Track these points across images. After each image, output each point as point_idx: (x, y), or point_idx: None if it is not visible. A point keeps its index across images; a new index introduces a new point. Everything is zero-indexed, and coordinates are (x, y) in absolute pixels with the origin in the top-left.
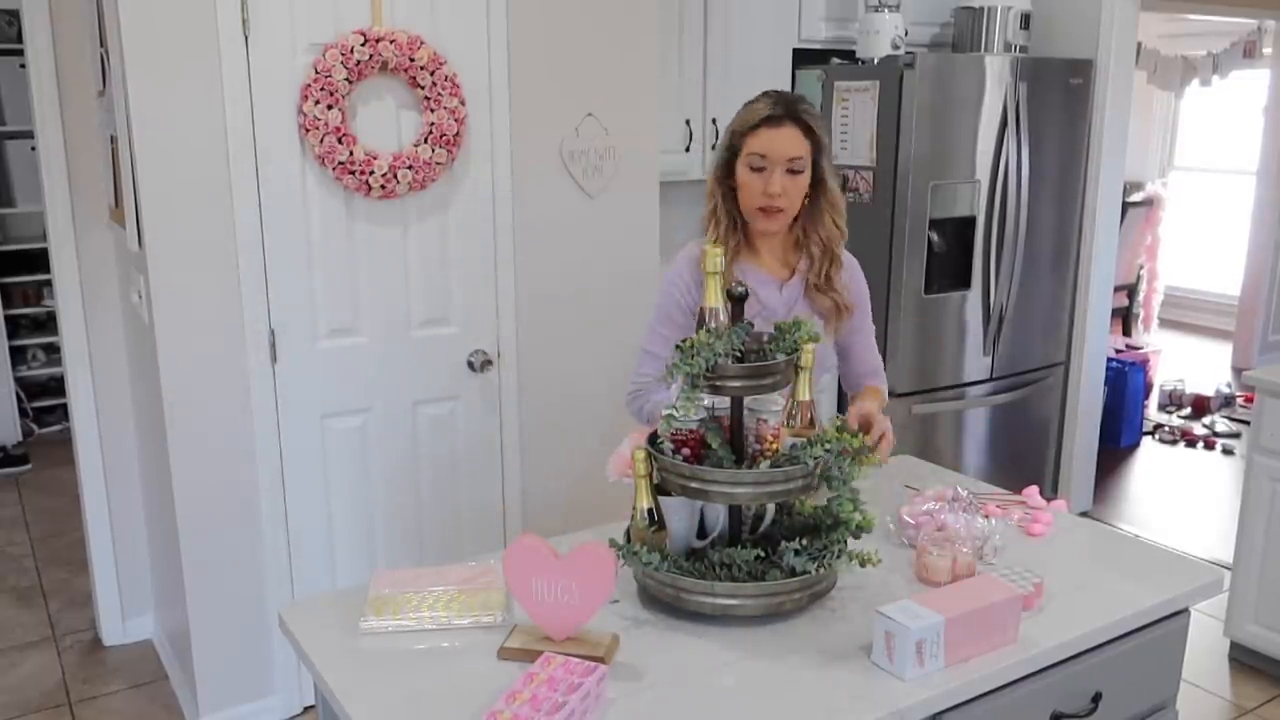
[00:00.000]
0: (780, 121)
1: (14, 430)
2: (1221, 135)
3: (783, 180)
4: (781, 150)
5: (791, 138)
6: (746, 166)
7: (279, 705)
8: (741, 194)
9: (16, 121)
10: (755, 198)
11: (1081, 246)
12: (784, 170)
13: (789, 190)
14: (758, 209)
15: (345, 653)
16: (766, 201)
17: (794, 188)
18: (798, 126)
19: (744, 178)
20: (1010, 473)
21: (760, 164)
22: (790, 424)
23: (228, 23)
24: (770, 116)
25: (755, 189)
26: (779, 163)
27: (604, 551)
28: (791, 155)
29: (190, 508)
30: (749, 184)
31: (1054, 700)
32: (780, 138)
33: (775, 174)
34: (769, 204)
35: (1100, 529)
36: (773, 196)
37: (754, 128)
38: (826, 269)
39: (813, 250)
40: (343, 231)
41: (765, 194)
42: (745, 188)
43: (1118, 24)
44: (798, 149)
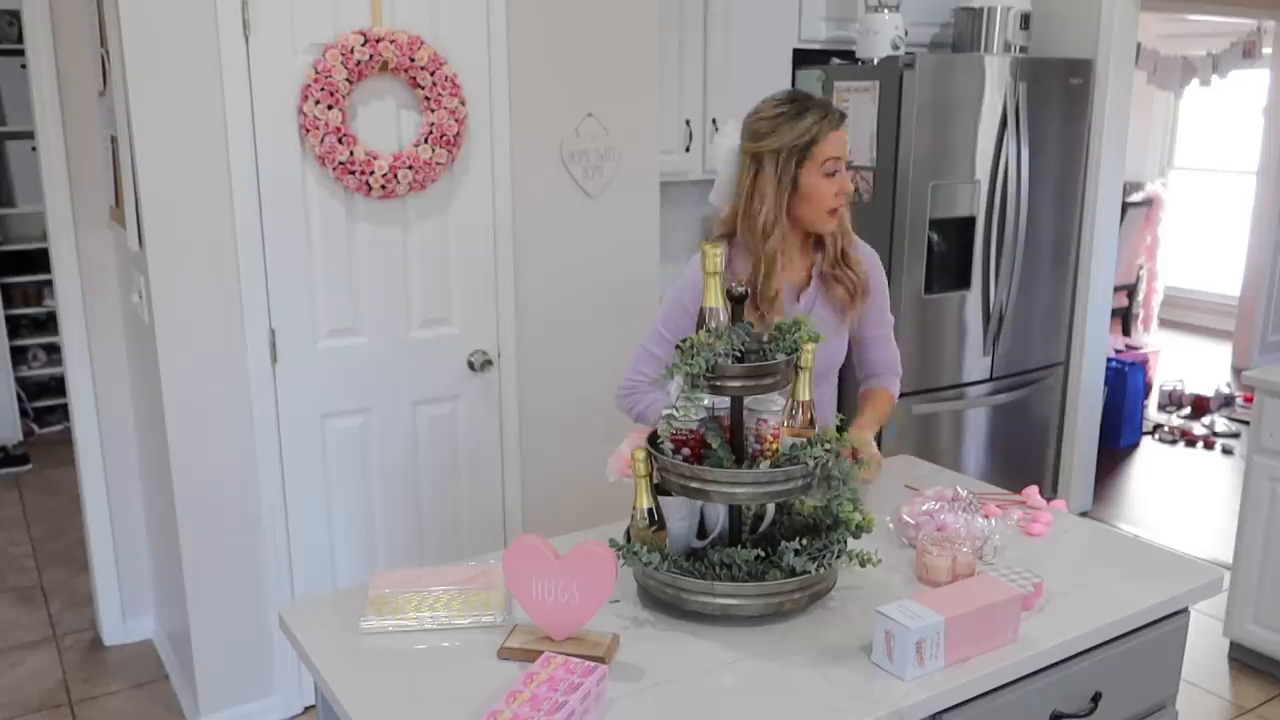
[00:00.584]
0: (840, 122)
1: (14, 430)
2: (1221, 135)
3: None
4: (846, 150)
5: (846, 137)
6: (821, 174)
7: (279, 705)
8: (812, 203)
9: (16, 121)
10: (830, 200)
11: (1081, 246)
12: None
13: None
14: (828, 211)
15: (345, 653)
16: (839, 202)
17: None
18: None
19: (819, 184)
20: (1010, 473)
21: (836, 167)
22: (790, 424)
23: (228, 23)
24: (834, 119)
25: (828, 193)
26: (845, 162)
27: (604, 551)
28: (847, 155)
29: (190, 508)
30: (823, 189)
31: (1054, 700)
32: (844, 138)
33: (845, 172)
34: (839, 204)
35: (1100, 529)
36: (849, 193)
37: (825, 133)
38: (844, 245)
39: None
40: (343, 231)
41: (841, 193)
42: (819, 194)
43: (1118, 24)
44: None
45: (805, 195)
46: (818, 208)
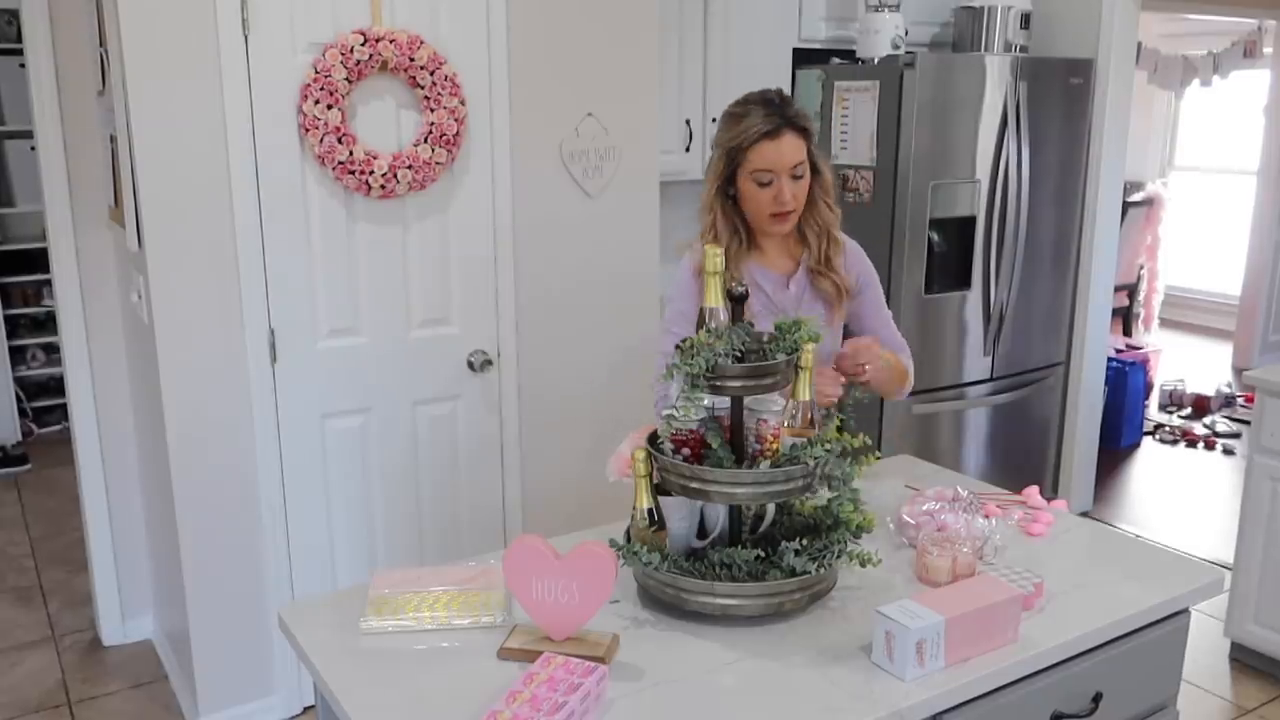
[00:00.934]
0: (779, 133)
1: (14, 430)
2: (1221, 135)
3: (790, 187)
4: (786, 161)
5: (792, 146)
6: (753, 182)
7: (279, 705)
8: (749, 205)
9: (16, 121)
10: (766, 207)
11: (1081, 246)
12: (790, 177)
13: (797, 194)
14: (770, 215)
15: (345, 653)
16: (778, 209)
17: (800, 190)
18: (794, 131)
19: (750, 191)
20: (1010, 473)
21: (767, 178)
22: (790, 424)
23: (228, 23)
24: (769, 130)
25: (764, 201)
26: (784, 172)
27: (604, 551)
28: (795, 162)
29: (190, 508)
30: (757, 197)
31: (1054, 700)
32: (783, 149)
33: (783, 184)
34: (780, 209)
35: (1100, 529)
36: (784, 204)
37: (754, 143)
38: (825, 251)
39: (809, 236)
40: (343, 231)
41: (776, 202)
42: (753, 200)
43: (1118, 24)
44: (798, 154)
45: (741, 197)
46: (755, 210)
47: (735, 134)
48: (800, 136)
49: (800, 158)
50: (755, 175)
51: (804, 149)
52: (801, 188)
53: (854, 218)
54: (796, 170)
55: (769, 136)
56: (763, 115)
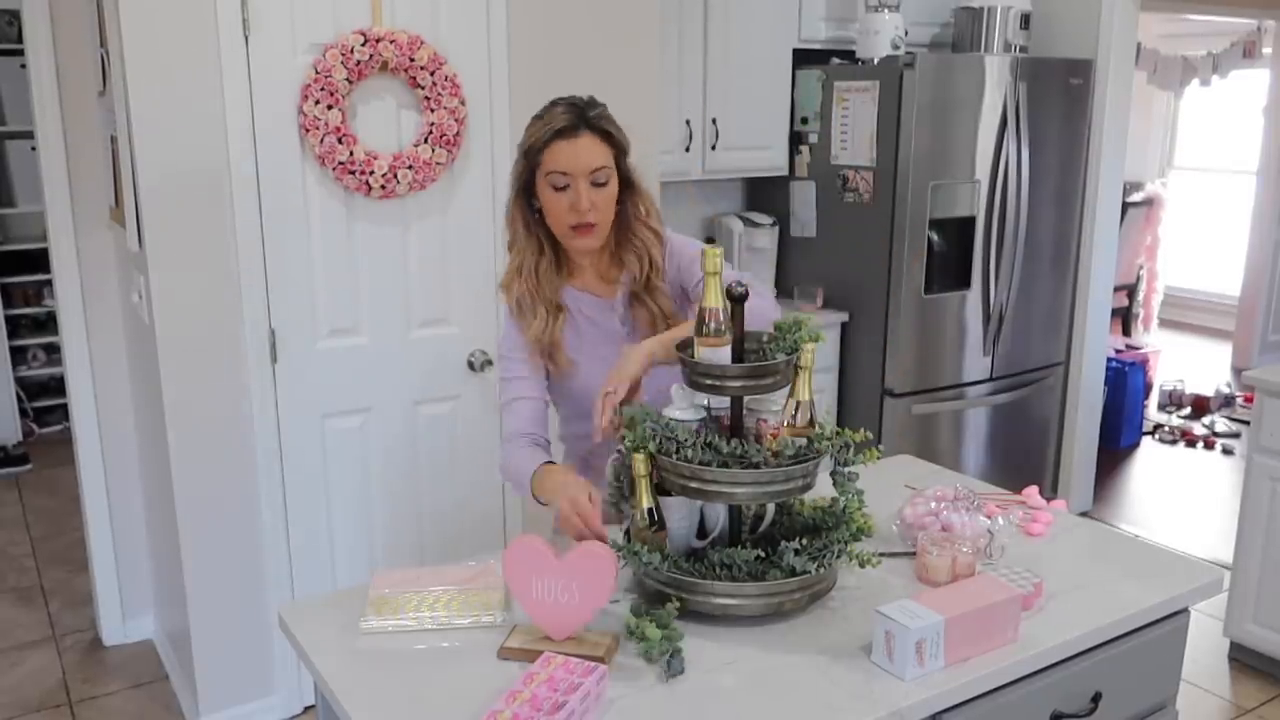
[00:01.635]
0: (575, 132)
1: (14, 430)
2: (1221, 135)
3: (590, 194)
4: (583, 163)
5: (591, 148)
6: (549, 186)
7: (279, 705)
8: (549, 217)
9: (16, 121)
10: (565, 217)
11: (1081, 246)
12: (589, 184)
13: (598, 204)
14: (570, 228)
15: (345, 653)
16: (577, 219)
17: (603, 200)
18: (594, 134)
19: (548, 198)
20: (1010, 473)
21: (563, 181)
22: (790, 424)
23: (228, 23)
24: (563, 129)
25: (562, 208)
26: (582, 176)
27: (604, 552)
28: (594, 167)
29: (190, 508)
30: (555, 204)
31: (1054, 700)
32: (579, 149)
33: (581, 189)
34: (580, 221)
35: (1100, 529)
36: (582, 213)
37: (548, 142)
38: (648, 276)
39: (629, 260)
40: (343, 231)
41: (574, 211)
42: (552, 209)
43: (1118, 24)
44: (599, 158)
45: (543, 206)
46: (556, 222)
47: (530, 134)
48: (603, 141)
49: (601, 163)
50: (550, 178)
51: (608, 155)
52: (604, 197)
53: (854, 218)
54: (597, 176)
55: (563, 135)
56: (559, 114)
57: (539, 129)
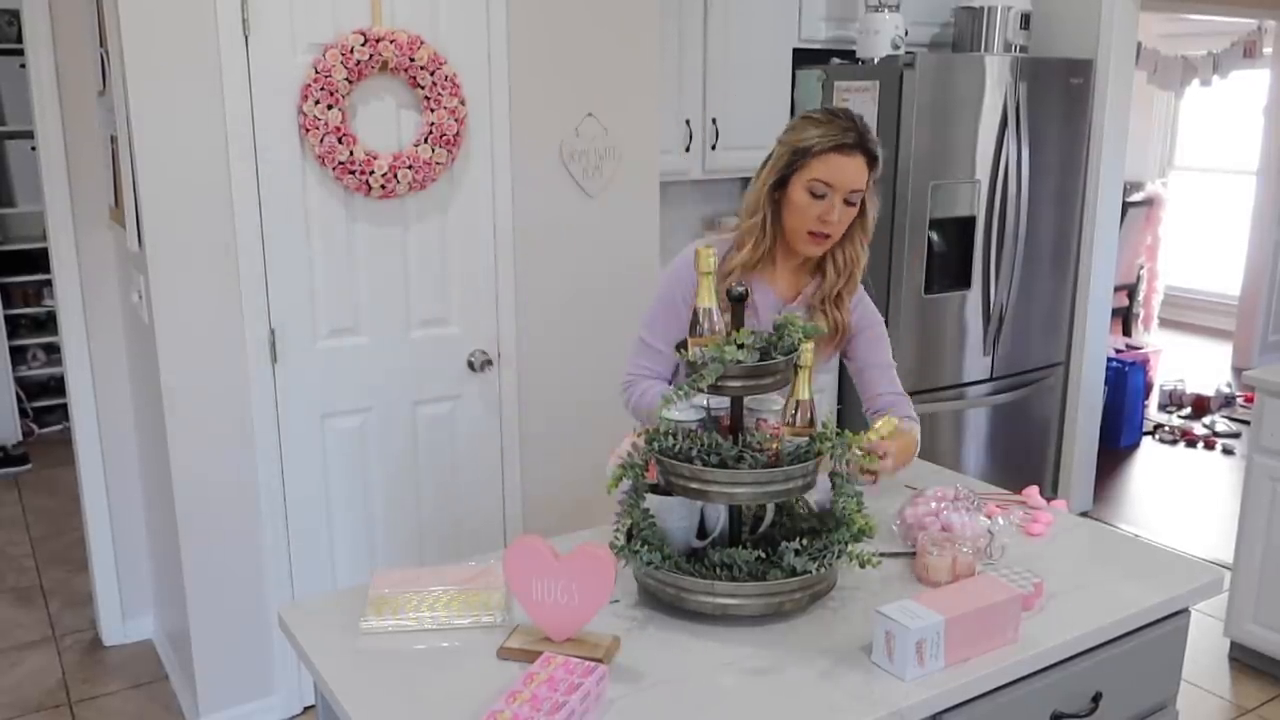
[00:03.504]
0: (853, 151)
1: (14, 430)
2: (1221, 135)
3: (841, 211)
4: (849, 181)
5: (859, 169)
6: (805, 189)
7: (279, 705)
8: (792, 214)
9: (16, 121)
10: (809, 222)
11: (1081, 246)
12: (843, 200)
13: (843, 221)
14: (809, 233)
15: (345, 653)
16: (820, 227)
17: (847, 217)
18: (866, 157)
19: (800, 199)
20: (1010, 473)
21: (823, 190)
22: (790, 423)
23: (228, 23)
24: (844, 145)
25: (811, 214)
26: (841, 192)
27: (604, 553)
28: (855, 187)
29: (190, 508)
30: (805, 207)
31: (1054, 700)
32: (850, 168)
33: (835, 203)
34: (821, 229)
35: (1100, 529)
36: (828, 225)
37: (825, 151)
38: (840, 288)
39: (830, 270)
40: (343, 231)
41: (822, 221)
42: (799, 209)
43: (1118, 24)
44: (862, 181)
45: (788, 201)
46: (796, 222)
47: (806, 136)
48: (869, 165)
49: (862, 185)
50: (812, 184)
51: (867, 178)
52: (849, 215)
53: None
54: (853, 196)
55: (842, 150)
56: (843, 128)
57: (820, 135)
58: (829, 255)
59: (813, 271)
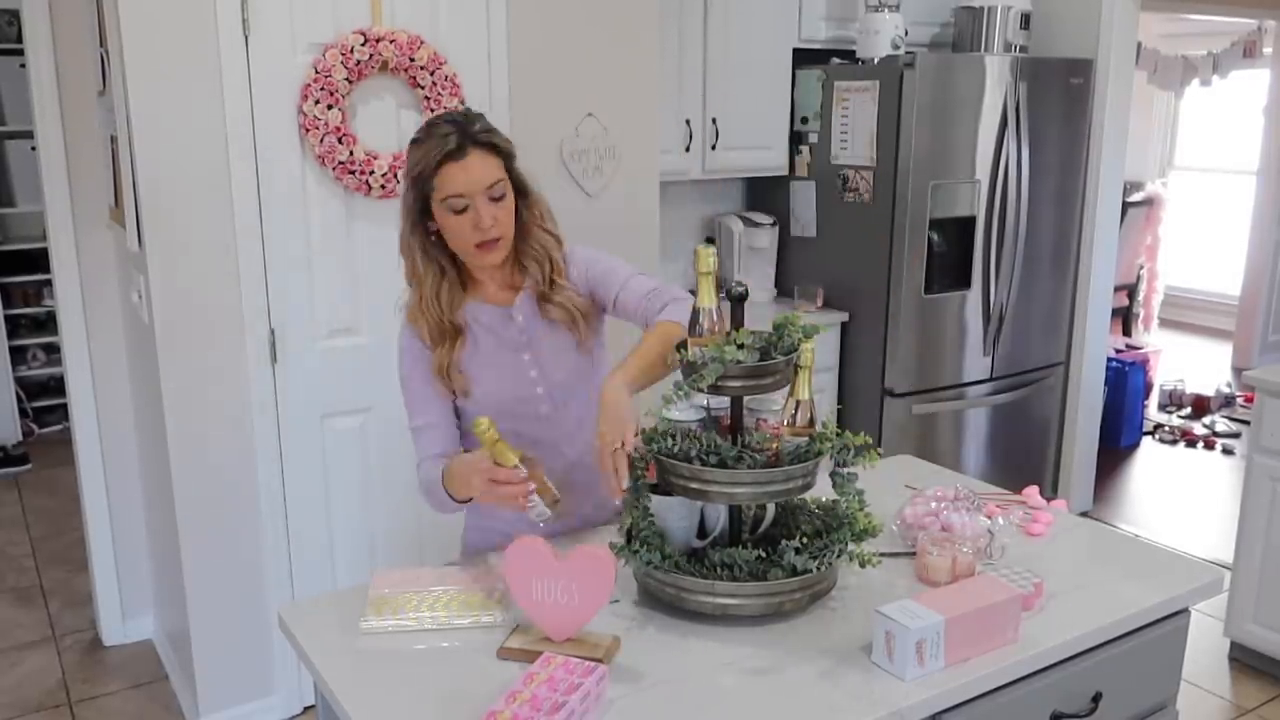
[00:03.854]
0: (462, 152)
1: (14, 430)
2: (1221, 135)
3: (490, 210)
4: (477, 181)
5: (482, 164)
6: (447, 211)
7: (279, 705)
8: (452, 240)
9: (16, 121)
10: (468, 236)
11: (1081, 246)
12: (486, 200)
13: (499, 218)
14: (474, 246)
15: (345, 653)
16: (481, 237)
17: (503, 213)
18: (481, 149)
19: (447, 222)
20: (1010, 473)
21: (461, 204)
22: (790, 423)
23: (228, 23)
24: (450, 151)
25: (465, 229)
26: (479, 194)
27: (604, 553)
28: (489, 183)
29: (190, 508)
30: (456, 227)
31: (1054, 700)
32: (472, 168)
33: (480, 207)
34: (484, 238)
35: (1100, 529)
36: (486, 230)
37: (438, 167)
38: (551, 278)
39: (529, 265)
40: (343, 231)
41: (477, 230)
42: (454, 231)
43: (1118, 24)
44: (492, 173)
45: (443, 229)
46: (461, 243)
47: (417, 159)
48: (491, 154)
49: (495, 176)
50: (448, 203)
51: (499, 167)
52: (504, 209)
53: (854, 218)
54: (493, 191)
55: (452, 157)
56: (443, 135)
57: (424, 154)
58: (521, 253)
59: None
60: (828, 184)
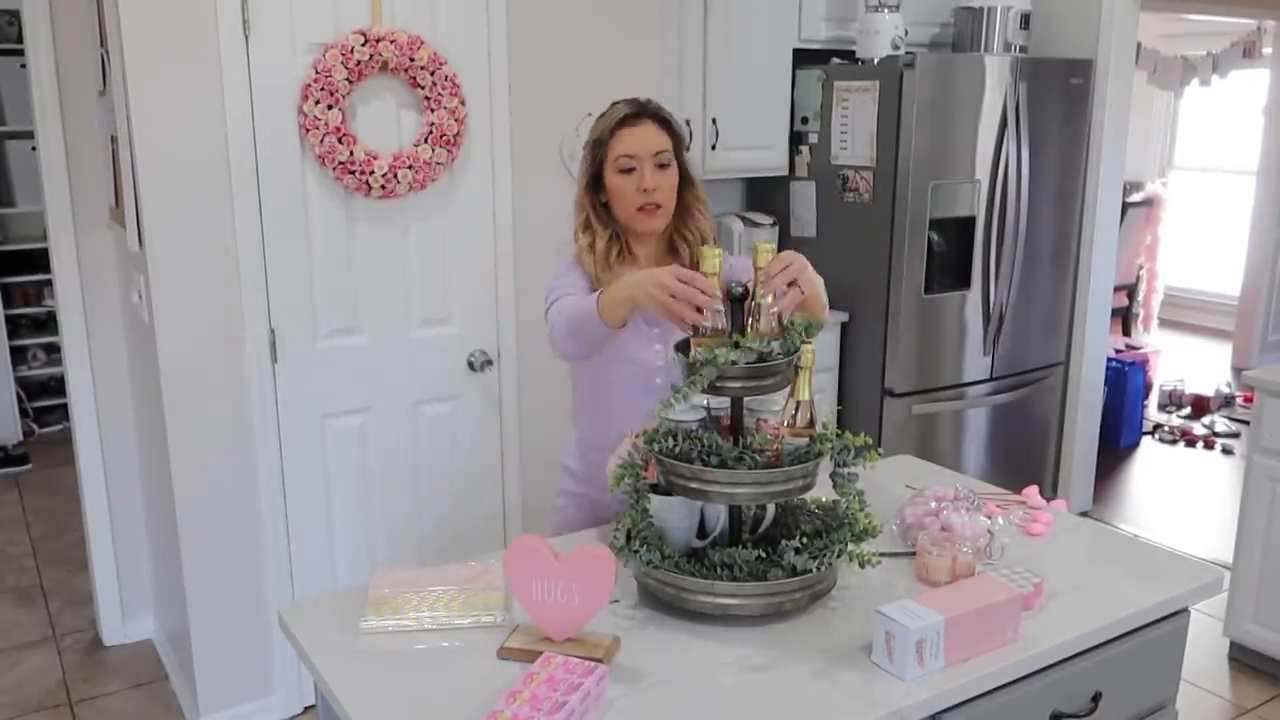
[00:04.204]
0: (639, 119)
1: (14, 430)
2: (1221, 135)
3: (654, 175)
4: (647, 145)
5: (653, 133)
6: (616, 171)
7: (279, 705)
8: (617, 201)
9: (16, 121)
10: (632, 198)
11: (1081, 246)
12: (653, 165)
13: (662, 185)
14: (637, 210)
15: (345, 653)
16: (644, 199)
17: (666, 182)
18: (655, 122)
19: (616, 183)
20: (1010, 473)
21: (630, 164)
22: (790, 424)
23: (228, 23)
24: (628, 116)
25: (630, 190)
26: (647, 158)
27: (604, 553)
28: (657, 149)
29: (190, 508)
30: (623, 187)
31: (1054, 700)
32: (643, 134)
33: (646, 169)
34: (647, 200)
35: (1100, 529)
36: (649, 192)
37: (614, 130)
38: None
39: (680, 247)
40: (343, 231)
41: (640, 191)
42: (620, 193)
43: (1118, 24)
44: (662, 143)
45: (610, 193)
46: (624, 206)
47: (597, 127)
48: (663, 128)
49: (664, 145)
50: (618, 162)
51: (668, 141)
52: (668, 179)
53: (854, 218)
54: (660, 158)
55: (627, 122)
56: (624, 106)
57: (604, 121)
58: (677, 232)
59: (669, 252)
60: (828, 184)
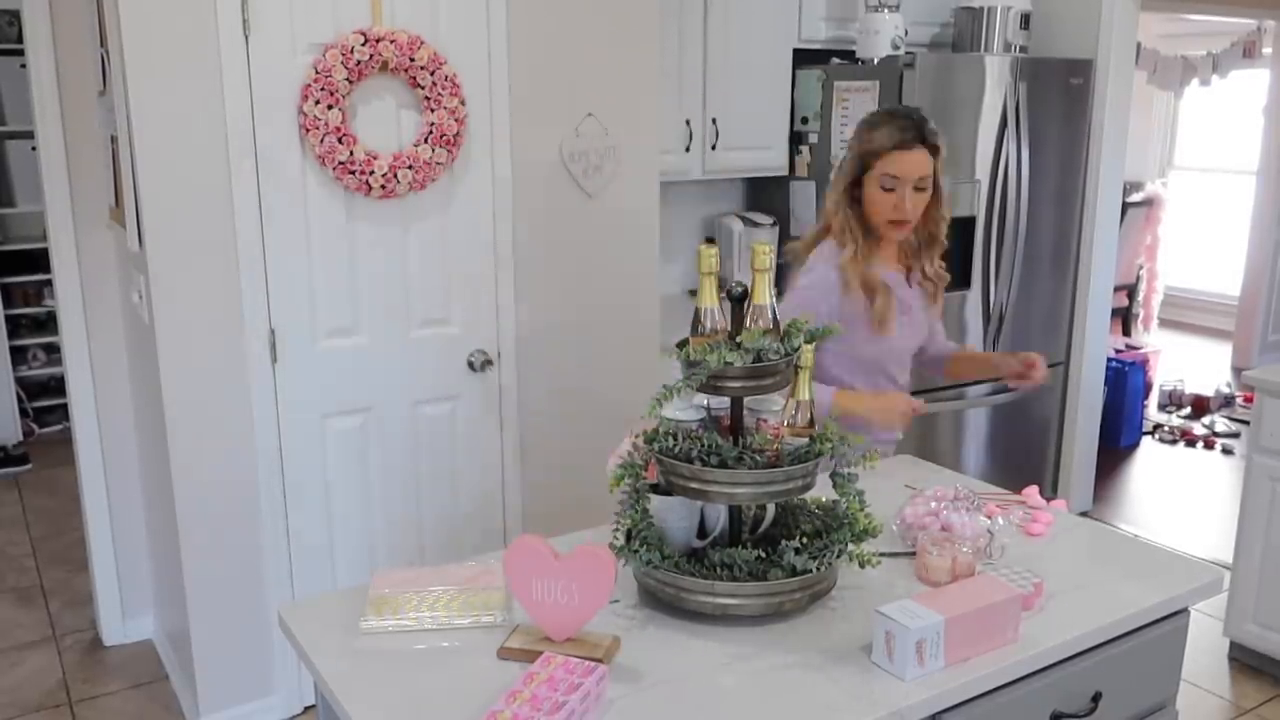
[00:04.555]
0: (911, 145)
1: (14, 430)
2: (1221, 135)
3: (912, 199)
4: (913, 171)
5: (921, 160)
6: (878, 186)
7: (279, 705)
8: (871, 209)
9: (16, 121)
10: (887, 213)
11: (1081, 246)
12: (913, 189)
13: (916, 207)
14: (889, 222)
15: (345, 653)
16: (897, 215)
17: (921, 202)
18: (926, 148)
19: (875, 195)
20: (1010, 473)
21: (892, 185)
22: (790, 424)
23: (228, 23)
24: (903, 141)
25: (887, 205)
26: (909, 183)
27: (604, 553)
28: (921, 175)
29: (190, 508)
30: (880, 201)
31: (1054, 700)
32: (911, 161)
33: (906, 193)
34: (899, 217)
35: (1100, 529)
36: (904, 213)
37: (888, 151)
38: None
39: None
40: (343, 231)
41: (897, 210)
42: (876, 204)
43: (1118, 24)
44: (926, 169)
45: (866, 198)
46: (876, 215)
47: (871, 140)
48: (931, 154)
49: (927, 172)
50: (882, 179)
51: (931, 165)
52: (922, 200)
53: None
54: (921, 184)
55: (902, 147)
56: (899, 127)
57: (880, 137)
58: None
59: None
60: (827, 184)
